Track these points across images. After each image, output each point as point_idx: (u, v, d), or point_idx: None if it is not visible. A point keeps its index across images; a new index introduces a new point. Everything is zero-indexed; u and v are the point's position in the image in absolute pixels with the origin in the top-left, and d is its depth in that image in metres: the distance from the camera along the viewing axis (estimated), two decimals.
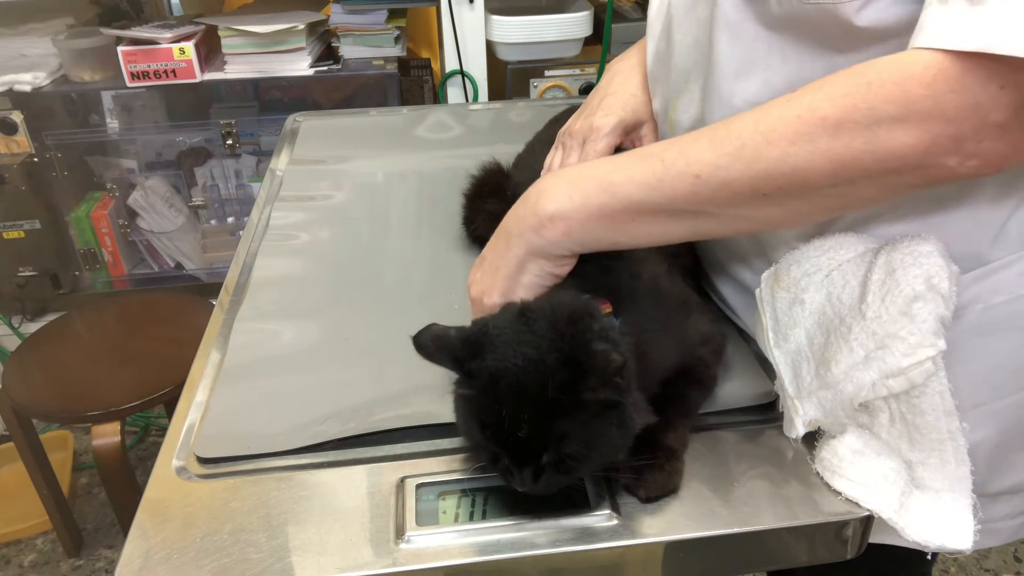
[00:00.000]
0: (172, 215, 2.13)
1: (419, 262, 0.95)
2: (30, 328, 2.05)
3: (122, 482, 1.52)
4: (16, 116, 1.87)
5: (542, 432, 0.57)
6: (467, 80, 1.89)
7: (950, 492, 0.61)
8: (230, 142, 2.04)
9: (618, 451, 0.60)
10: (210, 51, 1.89)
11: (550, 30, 1.87)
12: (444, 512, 0.63)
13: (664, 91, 0.80)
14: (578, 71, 1.99)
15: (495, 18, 1.84)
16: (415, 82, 2.12)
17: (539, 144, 0.99)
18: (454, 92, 1.91)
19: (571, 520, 0.62)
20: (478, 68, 1.88)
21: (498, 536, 0.61)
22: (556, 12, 1.90)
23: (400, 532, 0.61)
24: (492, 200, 0.91)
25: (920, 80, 0.51)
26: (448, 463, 0.67)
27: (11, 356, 1.67)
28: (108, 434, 1.48)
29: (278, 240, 1.00)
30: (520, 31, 1.85)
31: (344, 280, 0.92)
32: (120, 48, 1.79)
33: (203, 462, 0.68)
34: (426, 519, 0.62)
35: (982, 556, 1.84)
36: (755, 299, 0.71)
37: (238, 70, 1.86)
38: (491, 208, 0.90)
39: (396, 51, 1.93)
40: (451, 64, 1.87)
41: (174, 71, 1.82)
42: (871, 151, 0.53)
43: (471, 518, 0.63)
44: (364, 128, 1.33)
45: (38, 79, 1.84)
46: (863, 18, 0.57)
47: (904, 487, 0.62)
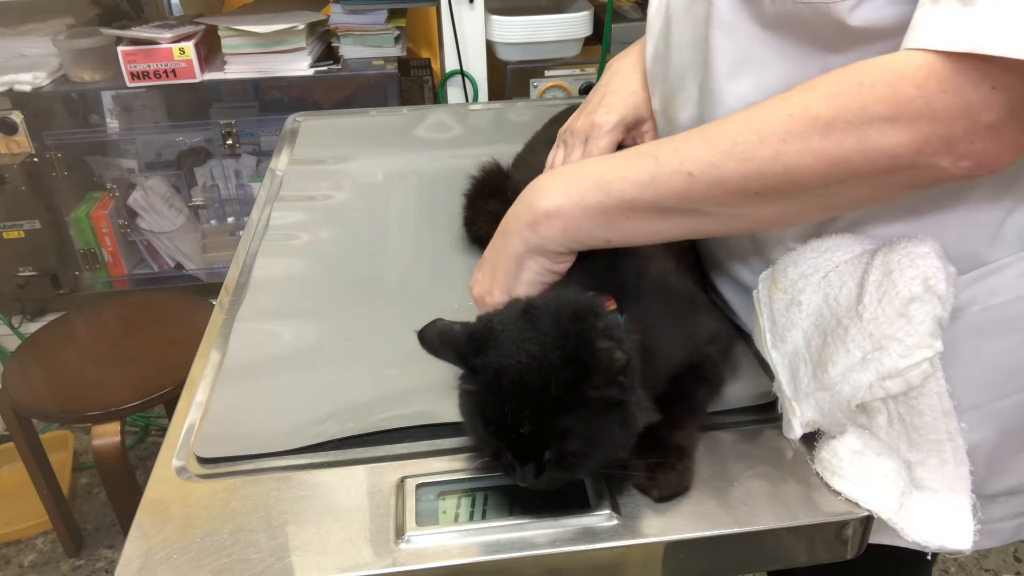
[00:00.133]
0: (172, 215, 2.13)
1: (419, 262, 0.95)
2: (30, 328, 2.05)
3: (122, 482, 1.52)
4: (16, 116, 1.87)
5: (544, 429, 0.57)
6: (467, 80, 1.89)
7: (949, 492, 0.61)
8: (230, 142, 2.04)
9: (620, 449, 0.60)
10: (210, 51, 1.89)
11: (550, 30, 1.87)
12: (444, 512, 0.63)
13: (663, 90, 0.80)
14: (578, 71, 1.99)
15: (495, 18, 1.84)
16: (415, 82, 2.12)
17: (539, 144, 0.99)
18: (454, 92, 1.91)
19: (571, 520, 0.62)
20: (478, 68, 1.88)
21: (498, 536, 0.61)
22: (556, 12, 1.90)
23: (400, 532, 0.61)
24: (493, 200, 0.91)
25: (911, 80, 0.51)
26: (448, 463, 0.67)
27: (11, 356, 1.67)
28: (108, 434, 1.48)
29: (278, 240, 1.00)
30: (520, 31, 1.85)
31: (344, 280, 0.92)
32: (120, 48, 1.79)
33: (203, 462, 0.68)
34: (426, 519, 0.62)
35: (982, 556, 1.84)
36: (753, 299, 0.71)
37: (238, 70, 1.86)
38: (492, 208, 0.90)
39: (396, 51, 1.93)
40: (451, 64, 1.87)
41: (174, 71, 1.82)
42: (862, 151, 0.53)
43: (471, 518, 0.63)
44: (364, 128, 1.33)
45: (38, 79, 1.84)
46: (856, 18, 0.57)
47: (904, 487, 0.62)
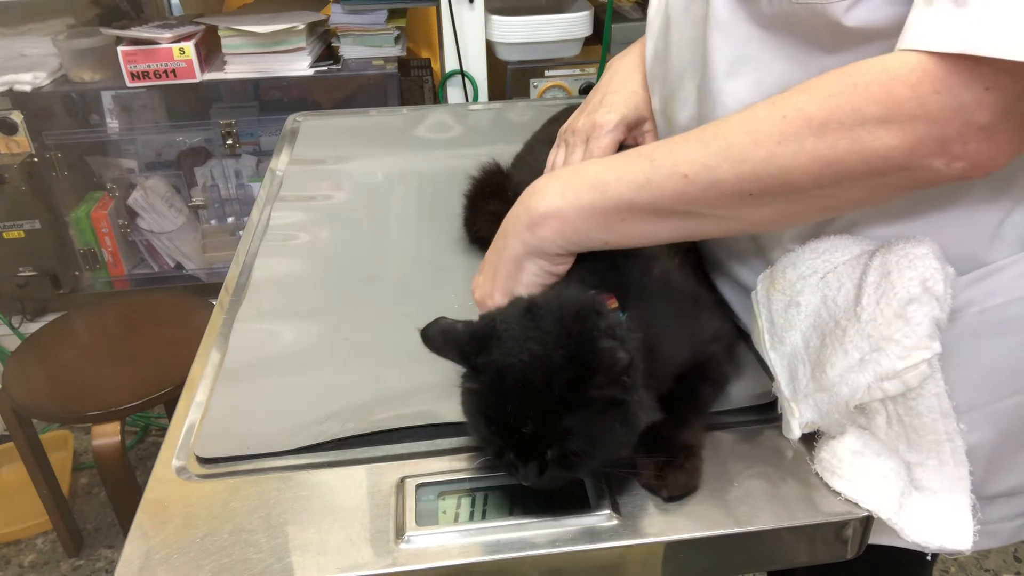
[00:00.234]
0: (172, 215, 2.13)
1: (419, 262, 0.95)
2: (30, 328, 2.05)
3: (122, 482, 1.52)
4: (16, 116, 1.87)
5: (547, 428, 0.57)
6: (467, 80, 1.89)
7: (949, 493, 0.61)
8: (230, 142, 2.04)
9: (622, 448, 0.60)
10: (210, 51, 1.89)
11: (550, 30, 1.87)
12: (444, 512, 0.63)
13: (662, 90, 0.80)
14: (578, 71, 1.99)
15: (495, 18, 1.84)
16: (415, 82, 2.12)
17: (538, 144, 0.99)
18: (454, 92, 1.91)
19: (571, 520, 0.62)
20: (478, 68, 1.88)
21: (498, 536, 0.61)
22: (556, 12, 1.90)
23: (400, 532, 0.61)
24: (494, 201, 0.91)
25: (905, 81, 0.51)
26: (448, 463, 0.67)
27: (11, 356, 1.67)
28: (108, 434, 1.48)
29: (278, 240, 1.00)
30: (520, 31, 1.85)
31: (344, 280, 0.92)
32: (120, 48, 1.79)
33: (203, 462, 0.68)
34: (426, 519, 0.62)
35: (982, 556, 1.84)
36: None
37: (238, 70, 1.86)
38: (493, 209, 0.90)
39: (396, 51, 1.93)
40: (451, 64, 1.87)
41: (174, 71, 1.82)
42: (856, 152, 0.53)
43: (471, 518, 0.63)
44: (364, 128, 1.33)
45: (38, 79, 1.84)
46: (852, 18, 0.57)
47: (903, 488, 0.62)
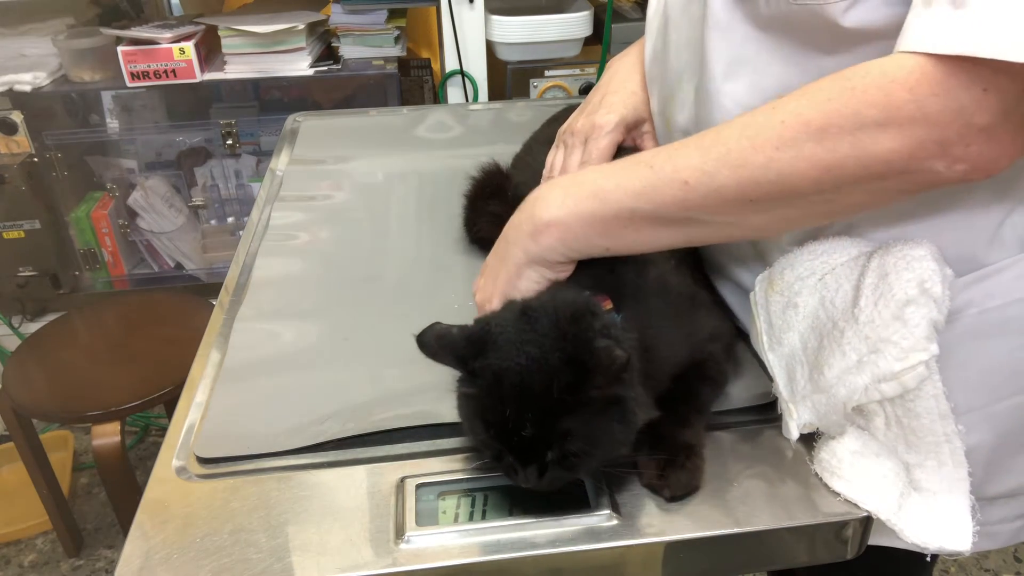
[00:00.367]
0: (172, 215, 2.13)
1: (419, 262, 0.95)
2: (30, 328, 2.05)
3: (122, 482, 1.52)
4: (16, 116, 1.87)
5: (546, 430, 0.57)
6: (467, 80, 1.89)
7: (948, 494, 0.61)
8: (230, 142, 2.04)
9: (621, 447, 0.60)
10: (210, 51, 1.89)
11: (550, 30, 1.87)
12: (444, 512, 0.63)
13: (660, 90, 0.80)
14: (578, 71, 1.99)
15: (495, 18, 1.84)
16: (415, 82, 2.12)
17: (537, 144, 0.99)
18: (454, 92, 1.91)
19: (571, 520, 0.62)
20: (478, 68, 1.88)
21: (498, 536, 0.61)
22: (556, 12, 1.90)
23: (400, 532, 0.61)
24: (494, 201, 0.91)
25: (903, 84, 0.51)
26: (448, 463, 0.67)
27: (11, 356, 1.67)
28: (108, 434, 1.48)
29: (278, 240, 1.00)
30: (520, 31, 1.85)
31: (344, 280, 0.92)
32: (120, 48, 1.79)
33: (203, 462, 0.68)
34: (426, 519, 0.62)
35: (982, 556, 1.84)
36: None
37: (238, 70, 1.86)
38: (493, 209, 0.90)
39: (396, 51, 1.93)
40: (451, 64, 1.87)
41: (174, 71, 1.82)
42: (855, 156, 0.53)
43: (471, 518, 0.63)
44: (364, 128, 1.33)
45: (38, 79, 1.84)
46: (849, 19, 0.57)
47: (902, 488, 0.62)
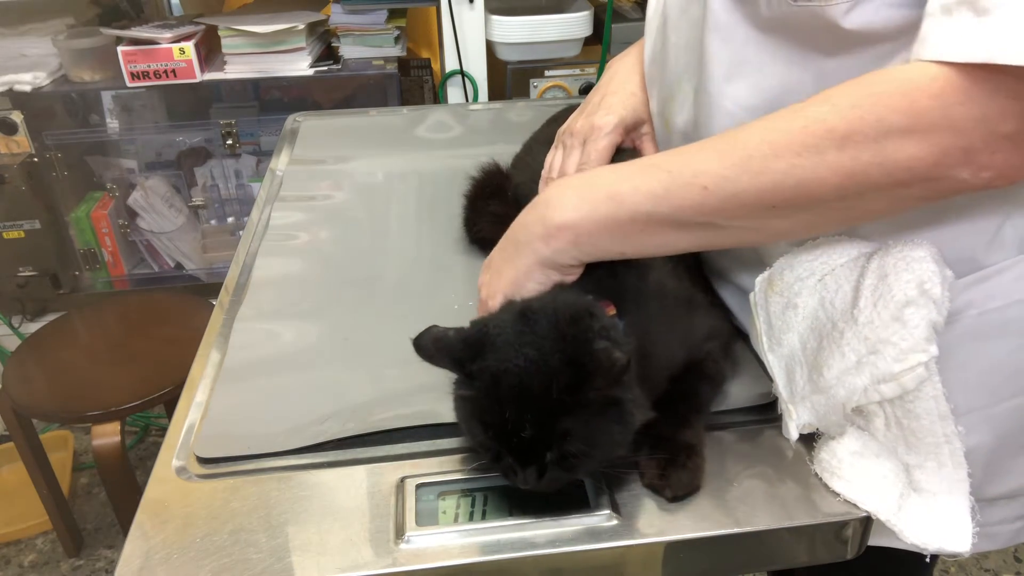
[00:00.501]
0: (172, 215, 2.13)
1: (419, 262, 0.95)
2: (30, 328, 2.05)
3: (122, 482, 1.52)
4: (16, 116, 1.87)
5: (545, 431, 0.57)
6: (467, 80, 1.89)
7: (948, 495, 0.61)
8: (230, 142, 2.04)
9: (620, 447, 0.60)
10: (210, 51, 1.89)
11: (550, 30, 1.87)
12: (444, 512, 0.63)
13: (659, 92, 0.80)
14: (578, 71, 1.99)
15: (495, 18, 1.84)
16: (415, 82, 2.12)
17: (537, 144, 0.99)
18: (454, 92, 1.91)
19: (571, 520, 0.62)
20: (478, 68, 1.88)
21: (498, 536, 0.61)
22: (556, 12, 1.90)
23: (400, 532, 0.61)
24: (494, 201, 0.91)
25: (927, 91, 0.50)
26: (448, 463, 0.67)
27: (11, 356, 1.67)
28: (108, 434, 1.47)
29: (278, 240, 1.00)
30: (520, 31, 1.85)
31: (344, 280, 0.92)
32: (120, 48, 1.79)
33: (203, 462, 0.68)
34: (426, 519, 0.62)
35: (982, 556, 1.84)
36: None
37: (238, 70, 1.86)
38: (493, 210, 0.90)
39: (396, 51, 1.92)
40: (451, 64, 1.87)
41: (174, 71, 1.82)
42: (879, 163, 0.53)
43: (471, 518, 0.63)
44: (364, 128, 1.33)
45: (38, 79, 1.84)
46: (851, 21, 0.57)
47: (902, 489, 0.62)
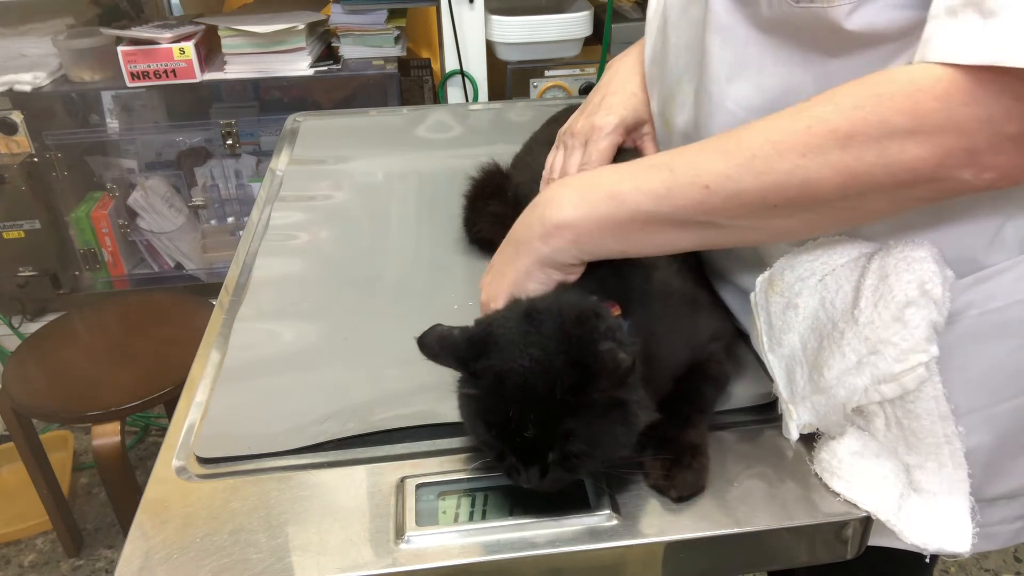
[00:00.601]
0: (172, 215, 2.13)
1: (419, 262, 0.95)
2: (30, 328, 2.05)
3: (122, 482, 1.52)
4: (16, 116, 1.87)
5: (548, 431, 0.57)
6: (467, 80, 1.89)
7: (948, 495, 0.61)
8: (230, 142, 2.04)
9: (623, 448, 0.60)
10: (210, 51, 1.89)
11: (550, 30, 1.87)
12: (444, 512, 0.63)
13: (660, 92, 0.80)
14: (578, 71, 1.99)
15: (495, 18, 1.84)
16: (415, 82, 2.12)
17: (537, 144, 0.99)
18: (454, 92, 1.91)
19: (571, 520, 0.62)
20: (478, 68, 1.88)
21: (498, 536, 0.61)
22: (556, 12, 1.90)
23: (400, 532, 0.61)
24: (494, 202, 0.91)
25: (932, 93, 0.51)
26: (448, 463, 0.67)
27: (11, 356, 1.67)
28: (108, 434, 1.47)
29: (278, 240, 1.00)
30: (520, 31, 1.85)
31: (344, 280, 0.92)
32: (120, 48, 1.79)
33: (203, 462, 0.68)
34: (426, 519, 0.62)
35: (982, 557, 1.84)
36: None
37: (238, 70, 1.86)
38: (493, 210, 0.90)
39: (396, 51, 1.93)
40: (451, 64, 1.87)
41: (174, 71, 1.82)
42: (883, 164, 0.53)
43: (471, 518, 0.63)
44: (364, 128, 1.33)
45: (38, 79, 1.84)
46: (853, 22, 0.57)
47: (902, 489, 0.62)
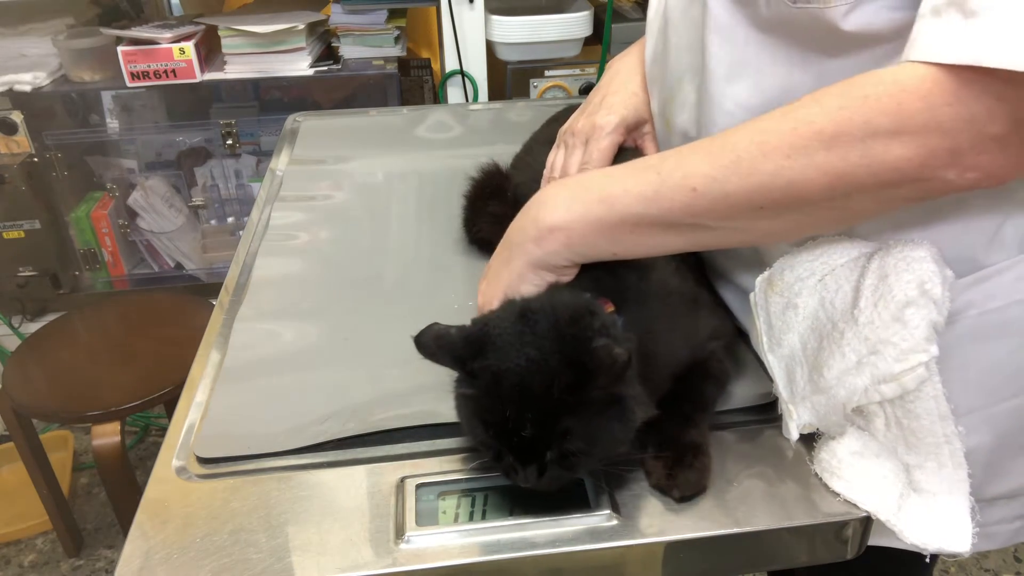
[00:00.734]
0: (172, 215, 2.13)
1: (419, 262, 0.95)
2: (30, 328, 2.05)
3: (122, 482, 1.52)
4: (16, 116, 1.87)
5: (546, 430, 0.57)
6: (467, 80, 1.89)
7: (948, 495, 0.61)
8: (230, 142, 2.04)
9: (620, 445, 0.60)
10: (210, 51, 1.89)
11: (550, 30, 1.87)
12: (444, 512, 0.63)
13: (660, 92, 0.80)
14: (578, 71, 1.99)
15: (495, 18, 1.84)
16: (415, 82, 2.12)
17: (537, 144, 0.99)
18: (454, 92, 1.91)
19: (571, 520, 0.62)
20: (478, 68, 1.88)
21: (498, 536, 0.61)
22: (556, 12, 1.90)
23: (400, 532, 0.61)
24: (493, 202, 0.91)
25: (915, 93, 0.51)
26: (448, 463, 0.67)
27: (11, 356, 1.67)
28: (108, 434, 1.48)
29: (278, 240, 1.00)
30: (520, 31, 1.85)
31: (344, 280, 0.92)
32: (120, 48, 1.79)
33: (203, 462, 0.68)
34: (426, 519, 0.62)
35: (982, 556, 1.84)
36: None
37: (238, 70, 1.86)
38: (493, 210, 0.90)
39: (396, 51, 1.93)
40: (451, 64, 1.87)
41: (174, 71, 1.82)
42: (867, 164, 0.53)
43: (471, 518, 0.63)
44: (364, 128, 1.33)
45: (38, 79, 1.84)
46: (850, 23, 0.57)
47: (902, 489, 0.62)
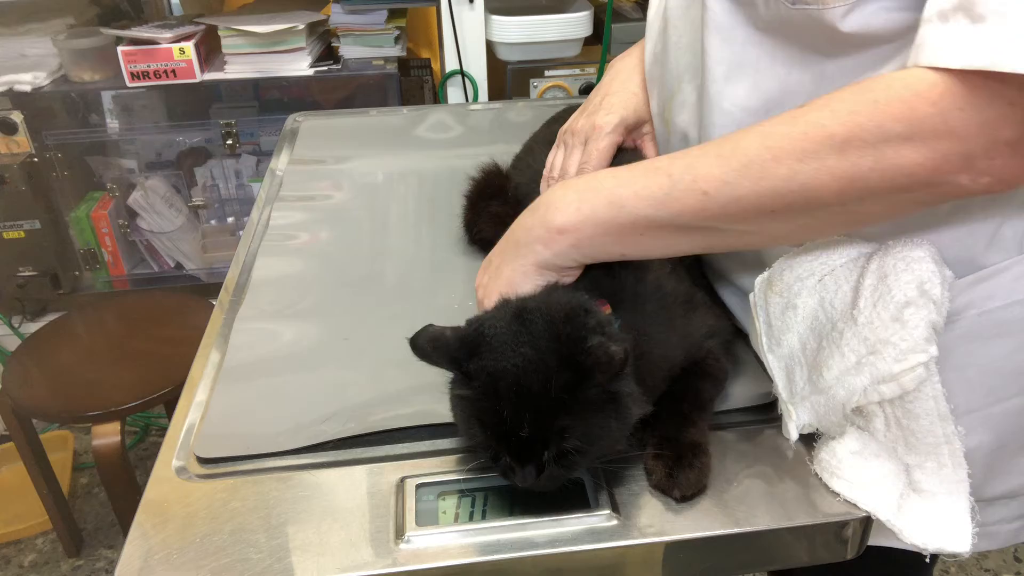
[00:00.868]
0: (172, 215, 2.13)
1: (419, 262, 0.95)
2: (30, 328, 2.05)
3: (122, 482, 1.52)
4: (16, 116, 1.87)
5: (543, 429, 0.57)
6: (467, 80, 1.89)
7: (948, 495, 0.61)
8: (230, 142, 2.04)
9: (617, 442, 0.61)
10: (210, 51, 1.89)
11: (550, 30, 1.87)
12: (444, 512, 0.63)
13: (660, 92, 0.80)
14: (578, 71, 1.98)
15: (495, 18, 1.84)
16: (415, 82, 2.12)
17: (537, 145, 0.99)
18: (454, 92, 1.91)
19: (571, 520, 0.62)
20: (478, 68, 1.88)
21: (498, 536, 0.61)
22: (556, 12, 1.90)
23: (400, 532, 0.61)
24: (494, 202, 0.91)
25: (926, 98, 0.51)
26: (448, 463, 0.67)
27: (11, 356, 1.67)
28: (108, 434, 1.48)
29: (278, 240, 1.00)
30: (520, 31, 1.85)
31: (344, 280, 0.92)
32: (120, 48, 1.79)
33: (203, 462, 0.68)
34: (426, 519, 0.62)
35: (982, 556, 1.84)
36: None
37: (238, 70, 1.86)
38: (493, 210, 0.90)
39: (396, 51, 1.93)
40: (451, 64, 1.87)
41: (174, 71, 1.82)
42: (879, 169, 0.53)
43: (471, 518, 0.63)
44: (364, 128, 1.33)
45: (38, 79, 1.84)
46: (848, 24, 0.57)
47: (902, 489, 0.62)
